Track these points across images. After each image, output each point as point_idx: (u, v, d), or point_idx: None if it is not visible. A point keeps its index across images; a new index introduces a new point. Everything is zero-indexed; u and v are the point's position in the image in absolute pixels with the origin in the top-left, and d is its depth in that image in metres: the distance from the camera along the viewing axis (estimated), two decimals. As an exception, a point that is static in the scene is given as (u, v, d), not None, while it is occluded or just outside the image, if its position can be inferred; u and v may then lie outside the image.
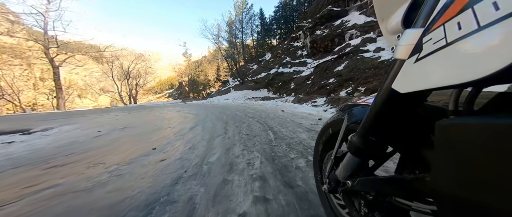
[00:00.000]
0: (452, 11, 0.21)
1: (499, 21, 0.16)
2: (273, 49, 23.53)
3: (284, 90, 10.49)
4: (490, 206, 0.19)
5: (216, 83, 29.26)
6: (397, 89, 0.30)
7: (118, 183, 1.29)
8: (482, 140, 0.19)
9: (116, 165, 1.68)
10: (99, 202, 1.05)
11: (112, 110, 10.43)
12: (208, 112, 5.87)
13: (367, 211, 0.46)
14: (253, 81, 15.84)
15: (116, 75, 24.61)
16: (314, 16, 15.31)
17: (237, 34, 21.92)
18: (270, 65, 17.20)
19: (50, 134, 3.59)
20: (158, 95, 49.82)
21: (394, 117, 0.36)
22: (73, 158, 1.99)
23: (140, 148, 2.23)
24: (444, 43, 0.21)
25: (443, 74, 0.21)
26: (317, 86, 7.81)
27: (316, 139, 0.78)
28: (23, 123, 4.73)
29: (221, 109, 6.77)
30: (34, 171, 1.66)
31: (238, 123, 3.56)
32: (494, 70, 0.16)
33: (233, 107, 7.36)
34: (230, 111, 5.79)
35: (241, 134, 2.63)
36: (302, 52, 15.04)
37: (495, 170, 0.18)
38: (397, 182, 0.37)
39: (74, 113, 9.11)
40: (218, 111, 6.09)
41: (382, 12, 0.41)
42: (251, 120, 3.73)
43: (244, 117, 4.29)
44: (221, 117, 4.50)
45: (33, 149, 2.49)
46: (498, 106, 0.24)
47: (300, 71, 11.60)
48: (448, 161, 0.23)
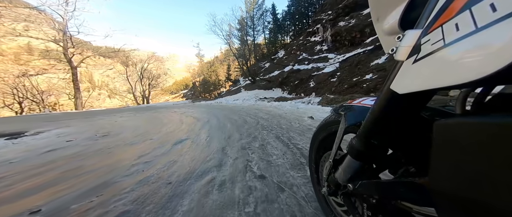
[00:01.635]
0: (450, 12, 0.21)
1: (496, 23, 0.16)
2: (287, 46, 22.02)
3: (302, 89, 9.02)
4: (489, 206, 0.19)
5: (227, 82, 28.62)
6: (396, 90, 0.29)
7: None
8: (480, 139, 0.19)
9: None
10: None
11: (123, 110, 10.20)
12: (211, 116, 4.73)
13: (370, 214, 0.44)
14: (265, 80, 14.55)
15: (130, 75, 25.24)
16: (336, 7, 13.54)
17: (248, 31, 20.77)
18: (284, 62, 15.75)
19: (20, 142, 3.06)
20: (174, 95, 52.20)
21: (395, 120, 0.35)
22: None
23: (73, 185, 1.12)
24: (442, 44, 0.21)
25: (441, 75, 0.21)
26: (347, 83, 6.25)
27: (311, 140, 0.76)
28: (26, 125, 4.57)
29: (228, 112, 5.61)
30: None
31: (246, 138, 2.30)
32: (491, 72, 0.16)
33: (242, 109, 6.16)
34: (238, 115, 4.58)
35: (250, 173, 1.35)
36: (322, 47, 13.35)
37: (493, 169, 0.18)
38: (399, 185, 0.37)
39: (85, 113, 8.97)
40: (223, 114, 4.92)
41: (377, 12, 0.39)
42: (267, 134, 2.44)
43: (255, 125, 3.02)
44: (223, 125, 3.29)
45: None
46: (496, 106, 0.24)
47: (320, 68, 10.01)
48: (446, 161, 0.24)
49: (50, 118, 6.60)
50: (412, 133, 0.36)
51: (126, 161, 1.74)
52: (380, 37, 0.40)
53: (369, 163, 0.45)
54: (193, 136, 2.64)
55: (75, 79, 16.96)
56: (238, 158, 1.61)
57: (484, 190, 0.19)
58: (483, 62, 0.17)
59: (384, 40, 0.38)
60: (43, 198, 1.12)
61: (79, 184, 1.30)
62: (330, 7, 15.19)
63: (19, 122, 5.89)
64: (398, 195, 0.38)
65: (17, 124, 5.01)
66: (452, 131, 0.23)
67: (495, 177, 0.18)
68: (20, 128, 4.07)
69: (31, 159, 2.02)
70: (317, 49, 13.66)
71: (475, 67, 0.17)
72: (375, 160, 0.44)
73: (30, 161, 1.95)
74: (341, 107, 0.59)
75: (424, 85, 0.24)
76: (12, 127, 4.31)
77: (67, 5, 14.77)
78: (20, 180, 1.45)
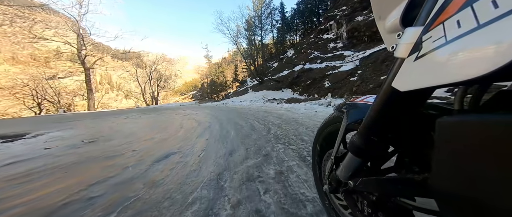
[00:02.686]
0: (451, 9, 0.21)
1: (498, 19, 0.16)
2: (297, 45, 21.10)
3: (315, 89, 8.14)
4: (491, 204, 0.19)
5: (234, 83, 28.22)
6: (397, 88, 0.29)
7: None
8: (482, 137, 0.19)
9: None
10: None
11: (131, 111, 10.15)
12: (214, 121, 4.12)
13: (370, 211, 0.44)
14: (273, 80, 13.78)
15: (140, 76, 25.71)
16: (352, 2, 12.51)
17: (256, 30, 20.13)
18: (293, 61, 14.90)
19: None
20: (183, 96, 53.52)
21: (395, 116, 0.35)
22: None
23: None
24: (443, 41, 0.21)
25: (442, 72, 0.21)
26: (373, 82, 5.33)
27: (314, 138, 0.76)
28: (33, 127, 4.52)
29: (234, 115, 4.97)
30: None
31: (254, 156, 1.59)
32: (493, 69, 0.16)
33: (249, 112, 5.50)
34: (245, 119, 3.90)
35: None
36: (336, 44, 12.34)
37: (494, 167, 0.18)
38: (400, 182, 0.37)
39: (95, 114, 9.18)
40: (227, 118, 4.27)
41: (379, 10, 0.39)
42: (284, 150, 1.70)
43: (265, 135, 2.30)
44: (226, 134, 2.62)
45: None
46: (498, 104, 0.24)
47: (336, 66, 9.06)
48: (448, 159, 0.23)
49: (61, 120, 6.59)
50: (413, 130, 0.35)
51: (66, 192, 1.12)
52: (382, 35, 0.39)
53: (370, 160, 0.44)
54: (186, 149, 2.00)
55: (88, 80, 17.36)
56: (241, 206, 0.91)
57: (487, 189, 0.19)
58: (485, 59, 0.16)
59: (387, 37, 0.38)
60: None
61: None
62: (345, 2, 14.15)
63: (30, 124, 5.83)
64: (397, 192, 0.38)
65: (26, 126, 4.94)
66: (455, 129, 0.22)
67: (498, 176, 0.18)
68: (25, 130, 3.94)
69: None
70: (331, 47, 12.65)
71: (477, 64, 0.17)
72: (376, 157, 0.43)
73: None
74: (344, 104, 0.59)
75: (426, 82, 0.23)
76: (19, 129, 4.18)
77: (81, 8, 15.26)
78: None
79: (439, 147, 0.24)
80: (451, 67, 0.19)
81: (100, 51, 19.94)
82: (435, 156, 0.25)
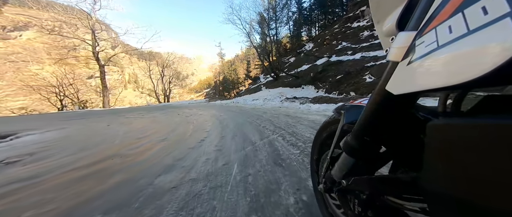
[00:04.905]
0: (444, 14, 0.21)
1: (487, 25, 0.16)
2: (317, 37, 18.81)
3: (351, 86, 6.24)
4: (477, 203, 0.20)
5: (246, 80, 26.87)
6: (391, 91, 0.30)
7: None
8: (470, 140, 0.20)
9: None
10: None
11: (138, 109, 9.73)
12: (214, 131, 2.67)
13: (360, 210, 0.45)
14: (291, 76, 11.96)
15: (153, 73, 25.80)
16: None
17: (270, 24, 18.25)
18: (314, 54, 12.88)
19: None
20: (198, 94, 54.39)
21: (387, 118, 0.36)
22: None
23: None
24: (435, 46, 0.21)
25: (434, 76, 0.21)
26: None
27: (313, 140, 0.77)
28: (34, 124, 4.54)
29: (243, 119, 3.49)
30: None
31: None
32: (481, 74, 0.16)
33: (264, 114, 3.97)
34: (259, 129, 2.37)
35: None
36: (372, 32, 10.08)
37: (482, 169, 0.19)
38: (389, 181, 0.38)
39: (100, 112, 8.69)
40: (235, 124, 2.79)
41: (378, 14, 0.40)
42: None
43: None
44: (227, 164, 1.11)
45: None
46: (486, 108, 0.25)
47: (379, 57, 7.01)
48: (437, 160, 0.24)
49: (67, 117, 6.55)
50: (404, 131, 0.36)
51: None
52: (380, 38, 0.40)
53: (362, 159, 0.45)
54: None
55: (103, 77, 17.48)
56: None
57: (474, 190, 0.19)
58: (474, 64, 0.17)
59: (384, 41, 0.39)
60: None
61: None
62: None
63: (38, 120, 5.85)
64: (387, 191, 0.40)
65: (29, 124, 4.83)
66: (444, 131, 0.23)
67: (484, 177, 0.19)
68: (16, 130, 3.57)
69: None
70: (365, 35, 10.41)
71: (466, 69, 0.17)
72: (368, 157, 0.44)
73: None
74: (343, 106, 0.61)
75: (418, 86, 0.24)
76: (18, 128, 3.87)
77: (95, 4, 15.26)
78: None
79: (429, 149, 0.25)
80: (442, 72, 0.20)
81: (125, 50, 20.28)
82: (425, 157, 0.25)
